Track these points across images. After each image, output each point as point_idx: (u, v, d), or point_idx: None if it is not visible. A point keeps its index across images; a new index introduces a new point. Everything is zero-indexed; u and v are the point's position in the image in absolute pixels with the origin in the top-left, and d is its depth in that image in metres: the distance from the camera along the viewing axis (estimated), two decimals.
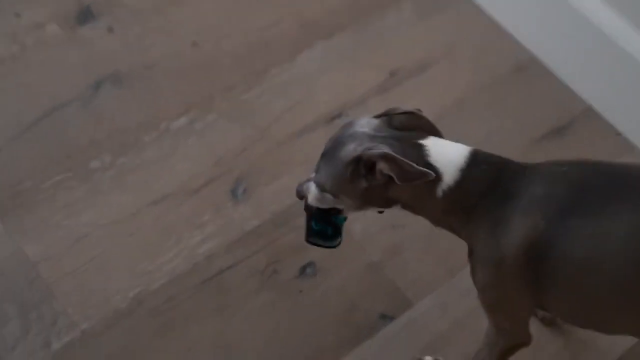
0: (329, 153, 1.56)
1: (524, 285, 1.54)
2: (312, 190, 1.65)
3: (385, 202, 1.58)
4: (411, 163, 1.46)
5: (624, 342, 2.02)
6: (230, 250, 2.09)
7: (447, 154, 1.51)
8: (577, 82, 2.44)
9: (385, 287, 2.06)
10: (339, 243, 1.74)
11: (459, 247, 1.80)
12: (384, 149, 1.48)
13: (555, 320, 2.03)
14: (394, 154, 1.46)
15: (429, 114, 2.37)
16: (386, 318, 2.03)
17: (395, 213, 2.06)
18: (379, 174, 1.49)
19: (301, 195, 1.69)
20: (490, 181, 1.51)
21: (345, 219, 1.73)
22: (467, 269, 1.85)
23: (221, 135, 2.29)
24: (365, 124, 1.56)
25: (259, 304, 2.02)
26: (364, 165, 1.50)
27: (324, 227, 1.73)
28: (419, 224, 1.85)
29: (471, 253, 1.60)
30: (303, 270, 2.07)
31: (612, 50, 2.30)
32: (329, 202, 1.63)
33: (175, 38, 2.47)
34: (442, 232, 1.66)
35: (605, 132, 2.38)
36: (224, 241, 2.10)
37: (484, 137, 2.38)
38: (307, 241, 1.74)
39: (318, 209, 1.69)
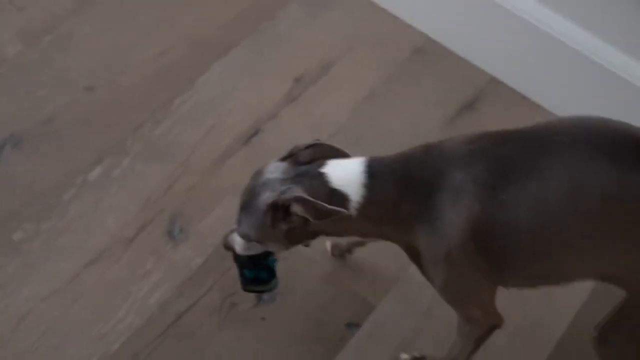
0: (246, 205, 1.65)
1: (480, 270, 1.60)
2: (238, 242, 1.75)
3: (309, 236, 1.69)
4: (322, 203, 1.54)
5: (580, 295, 2.13)
6: (182, 293, 2.07)
7: (346, 175, 1.59)
8: (477, 56, 2.52)
9: (345, 295, 2.09)
10: (276, 284, 1.88)
11: None
12: (296, 191, 1.56)
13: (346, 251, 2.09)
14: (305, 196, 1.54)
15: (342, 112, 2.41)
16: (352, 326, 2.06)
17: None
18: (295, 216, 1.57)
19: (228, 247, 1.79)
20: (399, 183, 1.57)
21: (276, 260, 1.85)
22: None
23: (142, 177, 2.25)
24: (274, 169, 1.64)
25: (225, 341, 2.01)
26: (280, 210, 1.58)
27: (257, 273, 1.86)
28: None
29: (412, 257, 1.66)
30: (260, 297, 2.07)
31: (506, 18, 2.39)
32: (257, 248, 1.74)
33: (67, 86, 2.40)
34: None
35: (512, 99, 2.48)
36: (173, 285, 2.08)
37: (400, 125, 2.43)
38: (245, 290, 1.88)
39: (248, 257, 1.80)
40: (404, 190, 1.57)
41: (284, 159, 1.66)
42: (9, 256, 2.09)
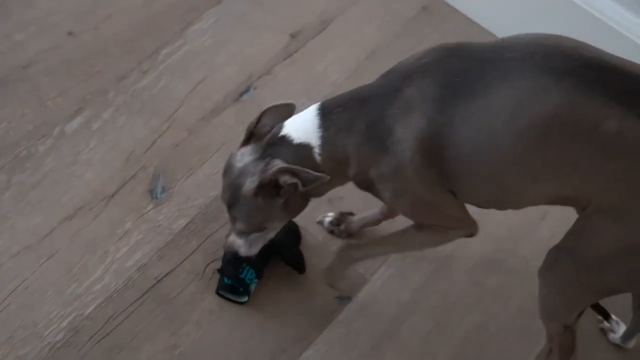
0: (232, 201, 1.76)
1: (432, 182, 1.65)
2: (238, 242, 1.86)
3: (304, 202, 1.78)
4: (307, 170, 1.65)
5: None
6: (162, 256, 2.07)
7: (302, 126, 1.70)
8: (483, 16, 2.53)
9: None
10: (246, 301, 1.99)
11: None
12: (275, 163, 1.67)
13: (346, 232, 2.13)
14: (285, 165, 1.66)
15: (342, 72, 2.40)
16: (343, 299, 2.06)
17: None
18: (285, 185, 1.68)
19: (233, 253, 1.89)
20: (352, 110, 1.66)
21: (255, 280, 1.97)
22: None
23: (125, 131, 2.24)
24: (241, 156, 1.75)
25: (206, 308, 2.01)
26: (270, 187, 1.66)
27: (234, 283, 1.97)
28: (355, 193, 1.90)
29: (378, 193, 1.72)
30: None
31: None
32: (259, 240, 1.86)
33: (48, 30, 2.38)
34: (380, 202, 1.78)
35: None
36: (153, 248, 2.07)
37: None
38: (216, 292, 1.99)
39: (232, 266, 1.95)
40: (357, 114, 1.65)
41: (245, 143, 1.77)
42: None
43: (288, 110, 1.78)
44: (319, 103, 1.72)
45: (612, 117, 1.48)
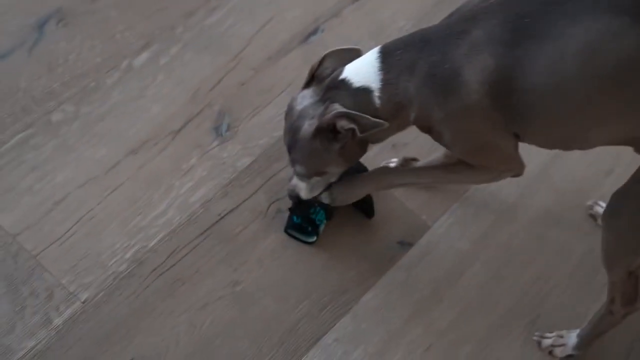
0: (292, 143, 1.77)
1: (496, 125, 1.65)
2: (300, 185, 1.89)
3: (361, 148, 1.79)
4: (364, 115, 1.65)
5: None
6: (226, 193, 2.09)
7: (362, 69, 1.69)
8: None
9: (398, 213, 2.11)
10: (314, 241, 2.00)
11: None
12: (334, 107, 1.68)
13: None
14: (343, 110, 1.66)
15: (409, 18, 2.39)
16: (405, 245, 2.07)
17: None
18: (343, 130, 1.69)
19: (293, 196, 1.92)
20: (415, 50, 1.65)
21: (324, 221, 1.98)
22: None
23: (191, 68, 2.25)
24: (301, 99, 1.77)
25: (269, 247, 2.03)
26: (327, 132, 1.69)
27: (303, 222, 1.99)
28: (420, 139, 1.90)
29: (438, 135, 1.72)
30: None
31: None
32: (320, 184, 1.88)
33: None
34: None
35: None
36: (217, 184, 2.10)
37: None
38: (285, 231, 2.01)
39: (298, 203, 1.95)
40: (420, 55, 1.64)
41: (306, 86, 1.79)
42: (45, 137, 2.11)
43: (353, 55, 1.78)
44: (380, 46, 1.71)
45: None
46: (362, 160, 1.90)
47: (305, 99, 1.77)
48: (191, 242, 2.01)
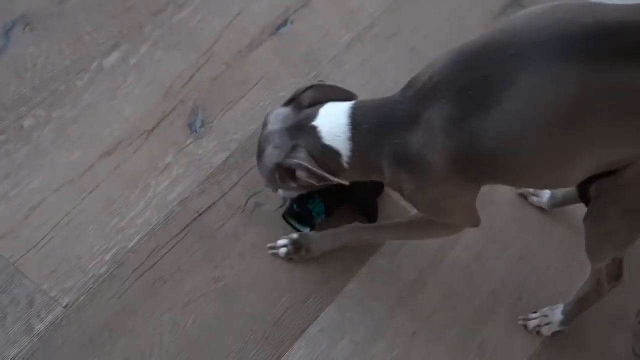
0: (258, 157, 1.82)
1: (469, 188, 1.70)
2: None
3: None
4: (324, 174, 1.70)
5: None
6: (203, 190, 2.08)
7: (335, 130, 1.71)
8: None
9: (378, 201, 2.10)
10: (308, 232, 2.00)
11: None
12: (299, 157, 1.71)
13: None
14: (308, 165, 1.70)
15: (379, 5, 2.39)
16: None
17: None
18: (301, 179, 1.74)
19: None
20: (379, 133, 1.67)
21: (322, 215, 1.99)
22: None
23: (162, 66, 2.25)
24: (275, 118, 1.79)
25: (249, 242, 2.03)
26: (287, 170, 1.75)
27: (302, 212, 1.99)
28: None
29: (408, 199, 1.76)
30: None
31: None
32: (289, 193, 1.96)
33: None
34: None
35: None
36: (194, 182, 2.09)
37: (440, 21, 2.41)
38: (283, 216, 2.02)
39: (302, 197, 1.97)
40: (385, 138, 1.67)
41: (287, 104, 1.80)
42: (18, 144, 2.09)
43: (339, 95, 1.80)
44: (350, 107, 1.71)
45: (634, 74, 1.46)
46: None
47: (278, 121, 1.79)
48: (171, 240, 2.01)
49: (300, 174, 1.73)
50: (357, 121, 1.70)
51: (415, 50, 2.36)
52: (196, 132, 2.15)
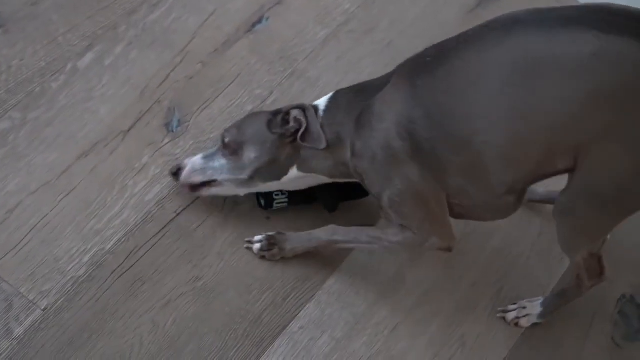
0: (237, 122, 1.97)
1: (425, 176, 1.73)
2: (194, 161, 2.00)
3: (283, 168, 1.90)
4: (316, 120, 1.83)
5: None
6: (181, 190, 2.07)
7: (324, 97, 1.89)
8: None
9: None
10: (264, 207, 2.05)
11: None
12: (303, 104, 1.86)
13: None
14: (307, 106, 1.85)
15: (354, 3, 2.39)
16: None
17: None
18: (292, 122, 1.83)
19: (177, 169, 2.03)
20: (353, 95, 1.84)
21: (284, 202, 2.04)
22: None
23: (137, 65, 2.24)
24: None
25: (227, 240, 2.03)
26: (282, 117, 1.85)
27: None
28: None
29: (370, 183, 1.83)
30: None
31: None
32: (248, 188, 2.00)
33: None
34: None
35: None
36: (172, 181, 2.08)
37: (416, 16, 2.42)
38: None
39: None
40: (354, 101, 1.81)
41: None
42: None
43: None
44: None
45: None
46: None
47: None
48: (149, 241, 2.00)
49: (295, 113, 1.83)
50: (341, 90, 1.88)
51: (391, 45, 2.36)
52: (173, 131, 2.15)
